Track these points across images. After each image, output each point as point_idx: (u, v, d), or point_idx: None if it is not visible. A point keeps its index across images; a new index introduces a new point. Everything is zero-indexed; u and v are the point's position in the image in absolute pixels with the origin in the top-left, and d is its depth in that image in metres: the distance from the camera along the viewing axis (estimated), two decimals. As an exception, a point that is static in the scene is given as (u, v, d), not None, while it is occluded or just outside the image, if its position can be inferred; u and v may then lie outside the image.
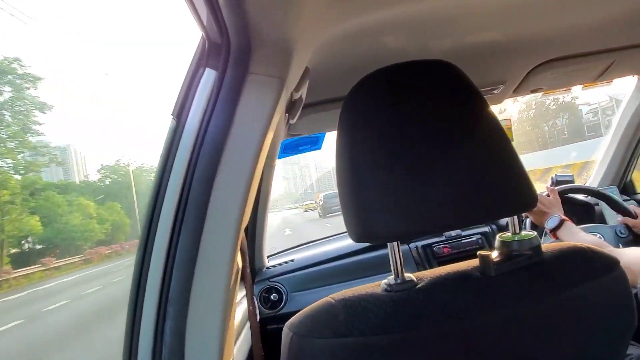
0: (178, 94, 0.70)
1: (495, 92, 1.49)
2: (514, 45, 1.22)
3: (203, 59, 0.70)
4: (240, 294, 1.59)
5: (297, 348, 0.55)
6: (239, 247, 0.71)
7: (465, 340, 0.56)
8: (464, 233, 1.82)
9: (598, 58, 1.41)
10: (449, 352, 0.56)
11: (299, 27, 0.68)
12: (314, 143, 1.58)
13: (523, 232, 0.65)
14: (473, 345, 0.56)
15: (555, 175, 1.77)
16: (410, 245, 1.77)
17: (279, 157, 1.56)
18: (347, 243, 1.86)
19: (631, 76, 1.69)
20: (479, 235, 1.82)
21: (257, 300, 1.65)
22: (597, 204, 1.76)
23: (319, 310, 0.58)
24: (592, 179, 1.99)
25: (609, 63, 1.46)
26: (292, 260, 1.81)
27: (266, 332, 1.60)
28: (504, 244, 0.63)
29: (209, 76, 0.70)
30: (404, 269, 0.61)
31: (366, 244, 1.80)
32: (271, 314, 1.67)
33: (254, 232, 1.67)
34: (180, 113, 0.70)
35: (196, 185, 0.67)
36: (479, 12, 0.98)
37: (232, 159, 0.68)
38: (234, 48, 0.66)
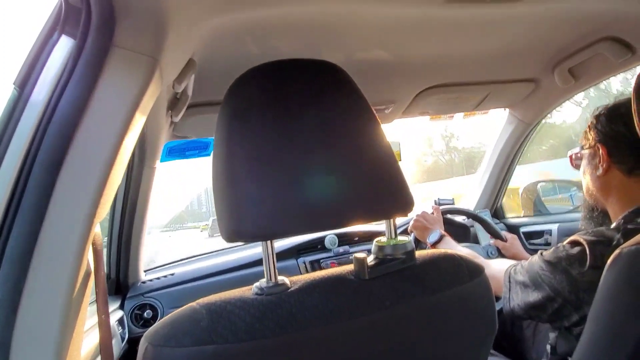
0: (24, 61, 0.60)
1: (386, 111, 1.55)
2: (403, 68, 1.28)
3: (59, 23, 0.60)
4: (112, 306, 1.42)
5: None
6: (89, 247, 0.61)
7: (335, 344, 0.54)
8: (351, 250, 1.85)
9: (475, 89, 1.54)
10: (320, 356, 0.53)
11: (174, 4, 0.61)
12: (203, 148, 1.50)
13: (398, 237, 0.64)
14: (343, 348, 0.54)
15: (438, 198, 1.88)
16: (298, 260, 1.75)
17: (163, 161, 1.44)
18: (235, 257, 1.78)
19: (503, 109, 1.86)
20: (366, 252, 1.84)
21: (127, 317, 1.49)
22: (473, 226, 1.89)
23: (181, 316, 0.51)
24: (469, 202, 2.15)
25: (485, 94, 1.60)
26: (172, 275, 1.68)
27: (135, 353, 1.44)
28: (380, 248, 0.63)
29: (64, 44, 0.60)
30: (277, 272, 0.57)
31: (254, 257, 1.74)
32: (142, 332, 1.51)
33: (128, 241, 1.51)
34: (25, 82, 0.59)
35: (38, 169, 0.56)
36: (373, 27, 1.00)
37: (87, 142, 0.58)
38: (95, 14, 0.58)
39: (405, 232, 1.71)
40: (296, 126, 0.57)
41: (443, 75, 1.40)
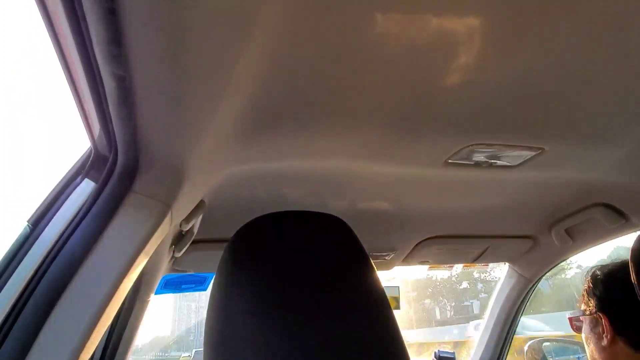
0: (43, 200, 0.63)
1: (386, 258, 1.55)
2: (403, 219, 1.32)
3: (84, 168, 0.65)
4: None
5: None
6: None
7: None
8: None
9: (475, 242, 1.56)
10: None
11: (194, 157, 0.67)
12: (200, 283, 1.48)
13: None
14: None
15: (438, 350, 1.79)
16: None
17: (158, 293, 1.41)
18: None
19: (503, 263, 1.87)
20: None
21: None
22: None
23: None
24: (471, 357, 2.03)
25: (484, 248, 1.62)
26: None
27: None
28: None
29: (85, 187, 0.64)
30: None
31: None
32: None
33: None
34: (39, 221, 0.61)
35: (32, 304, 0.56)
36: (375, 181, 1.06)
37: (87, 282, 0.58)
38: (120, 163, 0.63)
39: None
40: (298, 282, 0.57)
41: (442, 227, 1.44)
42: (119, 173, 0.63)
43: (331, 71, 0.62)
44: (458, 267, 1.84)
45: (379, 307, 0.59)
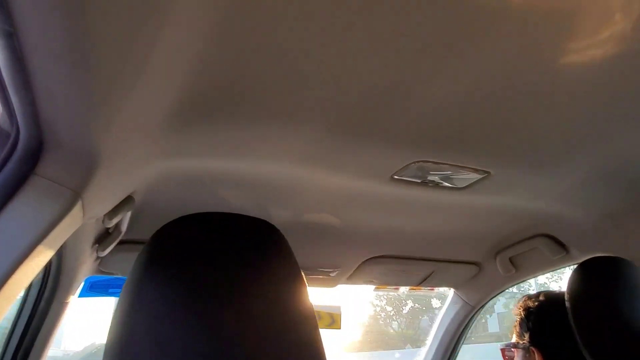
0: None
1: (330, 274, 1.51)
2: (351, 234, 1.28)
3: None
4: None
5: None
6: None
7: None
8: None
9: (421, 264, 1.54)
10: None
11: (109, 143, 0.60)
12: (130, 288, 1.38)
13: None
14: None
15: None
16: None
17: (82, 296, 1.31)
18: None
19: (448, 288, 1.86)
20: None
21: None
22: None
23: None
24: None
25: (430, 272, 1.60)
26: None
27: None
28: None
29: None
30: None
31: None
32: None
33: None
34: None
35: None
36: (321, 193, 1.02)
37: None
38: (23, 141, 0.56)
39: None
40: (215, 285, 0.52)
41: (388, 247, 1.41)
42: (21, 152, 0.56)
43: (269, 67, 0.58)
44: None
45: (304, 327, 0.55)
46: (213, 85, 0.61)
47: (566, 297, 0.85)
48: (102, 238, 1.01)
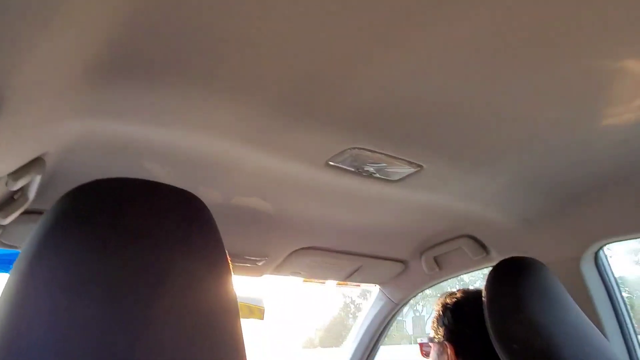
0: None
1: (257, 263, 1.47)
2: (282, 222, 1.26)
3: None
4: None
5: None
6: None
7: None
8: None
9: (348, 259, 1.55)
10: None
11: (9, 88, 0.53)
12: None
13: None
14: None
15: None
16: None
17: (-23, 271, 1.17)
18: None
19: (374, 285, 1.88)
20: None
21: None
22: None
23: None
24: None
25: (357, 267, 1.61)
26: None
27: None
28: None
29: None
30: None
31: None
32: None
33: None
34: None
35: None
36: (254, 175, 0.98)
37: None
38: None
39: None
40: (124, 260, 0.47)
41: (318, 238, 1.40)
42: None
43: (194, 30, 0.54)
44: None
45: (226, 318, 0.51)
46: (135, 44, 0.56)
47: (483, 293, 0.89)
48: (5, 203, 0.91)
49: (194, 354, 0.47)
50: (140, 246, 0.48)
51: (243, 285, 1.59)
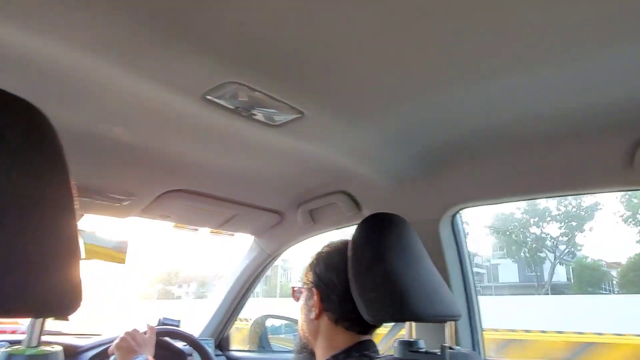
0: None
1: (123, 203, 1.34)
2: (152, 158, 1.15)
3: None
4: None
5: None
6: None
7: None
8: None
9: (224, 205, 1.49)
10: None
11: None
12: None
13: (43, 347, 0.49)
14: None
15: (163, 317, 1.66)
16: None
17: None
18: None
19: (249, 234, 1.86)
20: None
21: None
22: (191, 355, 1.70)
23: None
24: (195, 327, 1.96)
25: (232, 215, 1.57)
26: None
27: None
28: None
29: None
30: None
31: None
32: None
33: None
34: None
35: None
36: (122, 100, 0.87)
37: None
38: None
39: (105, 353, 1.40)
40: None
41: (192, 180, 1.32)
42: None
43: None
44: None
45: (65, 259, 0.43)
46: None
47: (349, 245, 0.91)
48: None
49: (30, 277, 0.40)
50: None
51: (111, 226, 1.45)
